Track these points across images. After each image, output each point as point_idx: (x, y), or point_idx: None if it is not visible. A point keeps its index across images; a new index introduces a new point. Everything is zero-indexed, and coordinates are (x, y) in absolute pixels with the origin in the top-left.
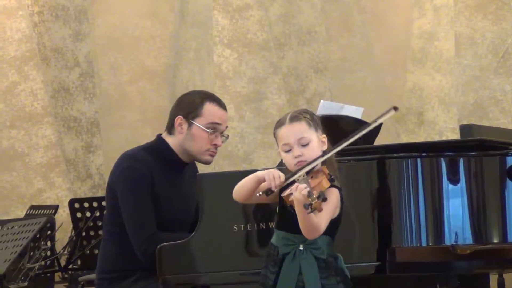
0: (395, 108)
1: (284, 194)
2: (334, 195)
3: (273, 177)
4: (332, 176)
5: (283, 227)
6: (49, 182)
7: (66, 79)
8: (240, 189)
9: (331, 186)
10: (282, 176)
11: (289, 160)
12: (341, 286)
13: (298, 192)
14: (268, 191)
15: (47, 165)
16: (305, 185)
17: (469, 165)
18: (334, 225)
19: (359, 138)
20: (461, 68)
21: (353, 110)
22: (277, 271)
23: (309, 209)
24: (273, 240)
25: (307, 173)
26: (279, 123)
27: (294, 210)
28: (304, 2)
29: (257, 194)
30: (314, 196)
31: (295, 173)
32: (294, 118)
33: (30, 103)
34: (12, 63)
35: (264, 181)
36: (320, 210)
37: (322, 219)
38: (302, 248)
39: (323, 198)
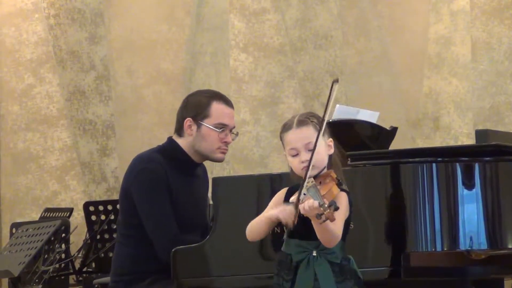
0: (336, 81)
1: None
2: (343, 200)
3: (288, 215)
4: (340, 180)
5: (295, 235)
6: (64, 185)
7: (81, 82)
8: (255, 233)
9: (341, 190)
10: (293, 209)
11: (296, 165)
12: None
13: (308, 209)
14: (290, 228)
15: (62, 168)
16: (312, 200)
17: (484, 171)
18: (345, 228)
19: (373, 143)
20: (477, 73)
21: (369, 114)
22: (292, 279)
23: (322, 219)
24: (284, 248)
25: (315, 178)
26: (286, 127)
27: (304, 215)
28: (321, 7)
29: (283, 240)
30: (326, 206)
31: (303, 182)
32: (301, 122)
33: (45, 105)
34: (28, 66)
35: (277, 219)
36: (332, 219)
37: (338, 226)
38: (315, 254)
39: (335, 207)
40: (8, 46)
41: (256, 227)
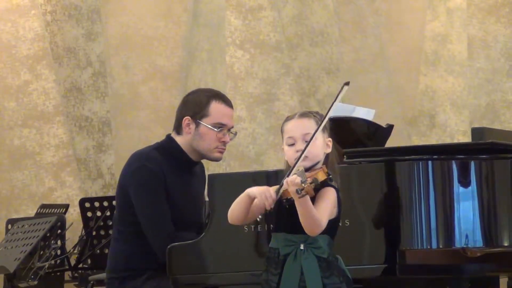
0: (347, 83)
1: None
2: (331, 194)
3: (266, 198)
4: (331, 176)
5: (282, 228)
6: (60, 181)
7: (78, 79)
8: (235, 212)
9: (329, 185)
10: (273, 193)
11: (291, 155)
12: (344, 286)
13: (290, 182)
14: (265, 211)
15: (58, 164)
16: (295, 176)
17: (480, 168)
18: (333, 225)
19: (368, 140)
20: (474, 71)
21: (365, 112)
22: (279, 272)
23: (301, 193)
24: (272, 244)
25: (306, 170)
26: (288, 118)
27: (289, 205)
28: (317, 3)
29: (258, 219)
30: (308, 182)
31: (292, 168)
32: (304, 114)
33: (42, 102)
34: (24, 62)
35: (254, 197)
36: (311, 194)
37: (322, 214)
38: (303, 248)
39: (316, 183)
40: (4, 42)
41: (236, 206)
